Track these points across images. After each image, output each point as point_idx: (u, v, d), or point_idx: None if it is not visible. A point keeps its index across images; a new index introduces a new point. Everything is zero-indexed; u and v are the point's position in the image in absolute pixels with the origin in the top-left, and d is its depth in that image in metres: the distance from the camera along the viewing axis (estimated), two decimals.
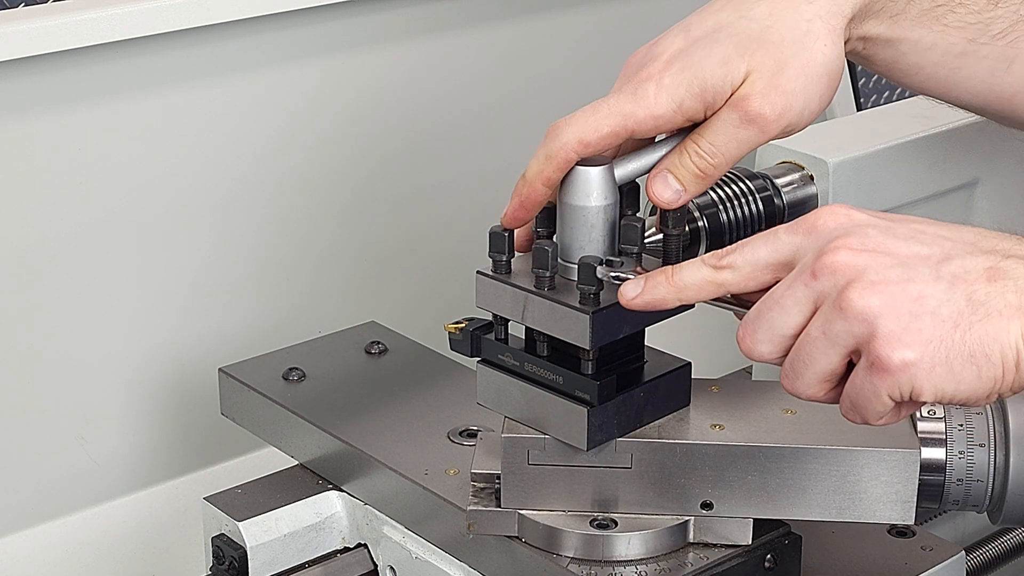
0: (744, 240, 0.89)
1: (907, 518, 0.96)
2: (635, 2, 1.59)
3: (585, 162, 0.94)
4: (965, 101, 1.05)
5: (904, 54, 1.02)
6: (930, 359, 0.82)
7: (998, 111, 1.05)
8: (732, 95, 0.94)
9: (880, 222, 0.87)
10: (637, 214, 0.97)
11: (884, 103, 2.35)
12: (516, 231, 0.97)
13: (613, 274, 0.92)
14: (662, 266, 0.95)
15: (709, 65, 0.94)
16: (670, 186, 0.95)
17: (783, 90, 0.94)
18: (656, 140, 0.98)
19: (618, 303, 0.92)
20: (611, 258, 0.94)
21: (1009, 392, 0.84)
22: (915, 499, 0.95)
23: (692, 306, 0.96)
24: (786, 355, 0.87)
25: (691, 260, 0.91)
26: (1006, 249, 0.85)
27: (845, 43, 0.99)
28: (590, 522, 0.97)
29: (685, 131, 0.96)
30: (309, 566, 1.11)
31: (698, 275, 0.89)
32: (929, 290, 0.83)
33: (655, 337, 0.98)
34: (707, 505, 0.97)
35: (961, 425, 0.96)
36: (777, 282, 0.87)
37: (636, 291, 0.90)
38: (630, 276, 0.91)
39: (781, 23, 0.95)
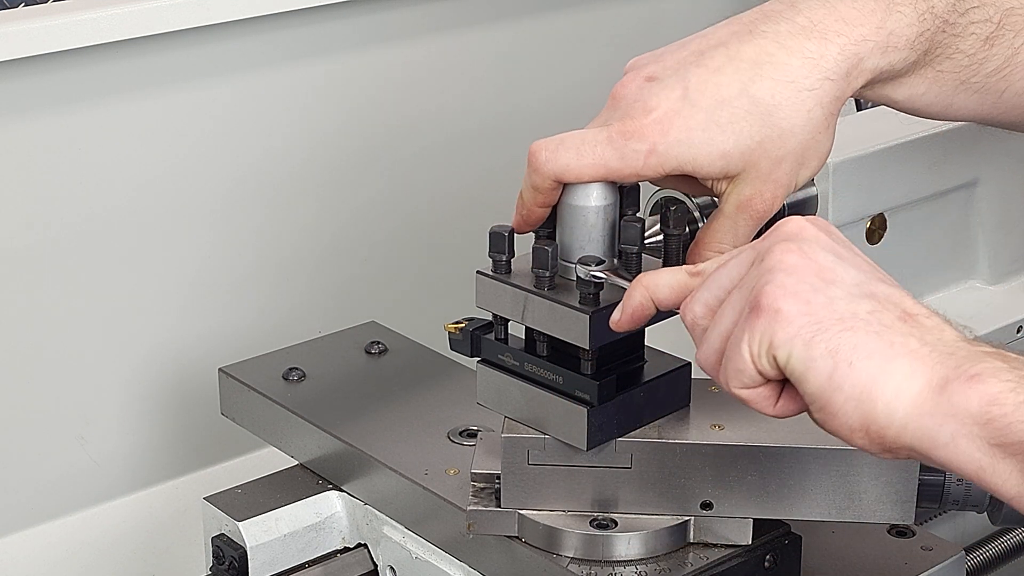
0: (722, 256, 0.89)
1: (907, 518, 0.96)
2: (635, 2, 1.59)
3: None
4: (955, 121, 1.06)
5: (897, 102, 1.01)
6: (798, 325, 0.80)
7: (989, 125, 1.06)
8: (733, 196, 0.94)
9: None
10: (637, 214, 0.97)
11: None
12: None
13: (592, 272, 0.92)
14: (662, 266, 0.95)
15: (708, 154, 0.93)
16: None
17: (780, 183, 0.94)
18: None
19: (618, 303, 0.92)
20: (588, 255, 0.94)
21: (864, 438, 0.80)
22: (915, 499, 0.95)
23: None
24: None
25: (667, 268, 0.91)
26: (932, 312, 0.83)
27: None
28: (590, 522, 0.97)
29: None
30: (309, 566, 1.11)
31: (673, 281, 0.89)
32: (843, 285, 0.82)
33: (655, 337, 0.98)
34: (707, 505, 0.97)
35: None
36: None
37: (618, 315, 0.91)
38: (604, 276, 0.92)
39: (782, 111, 0.94)
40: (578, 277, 0.93)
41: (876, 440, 0.80)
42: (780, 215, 1.16)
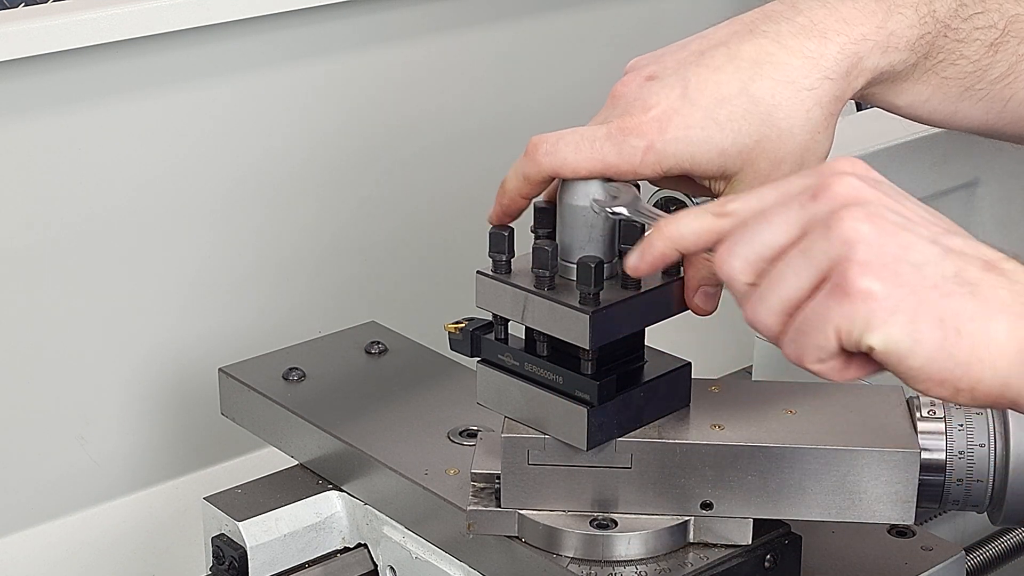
0: (751, 190, 0.87)
1: (907, 518, 0.96)
2: (635, 2, 1.59)
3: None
4: (960, 130, 1.04)
5: (900, 107, 1.01)
6: (895, 301, 0.78)
7: (991, 136, 1.05)
8: (728, 194, 0.94)
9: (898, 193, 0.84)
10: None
11: None
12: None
13: (609, 209, 0.92)
14: (661, 270, 0.95)
15: (707, 152, 0.93)
16: (712, 297, 0.95)
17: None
18: None
19: (618, 303, 0.92)
20: (609, 186, 0.93)
21: (966, 394, 0.79)
22: (915, 499, 0.95)
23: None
24: (757, 281, 0.83)
25: (690, 208, 0.90)
26: (1007, 256, 0.82)
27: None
28: (590, 522, 0.97)
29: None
30: (309, 566, 1.11)
31: (695, 224, 0.87)
32: (921, 246, 0.80)
33: (655, 337, 0.98)
34: (707, 505, 0.97)
35: (961, 425, 0.96)
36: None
37: (637, 259, 0.89)
38: (623, 210, 0.91)
39: (782, 111, 0.93)
40: (601, 213, 0.92)
41: (981, 399, 0.79)
42: None
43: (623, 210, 0.93)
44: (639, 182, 0.96)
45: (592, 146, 0.93)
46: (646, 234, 0.90)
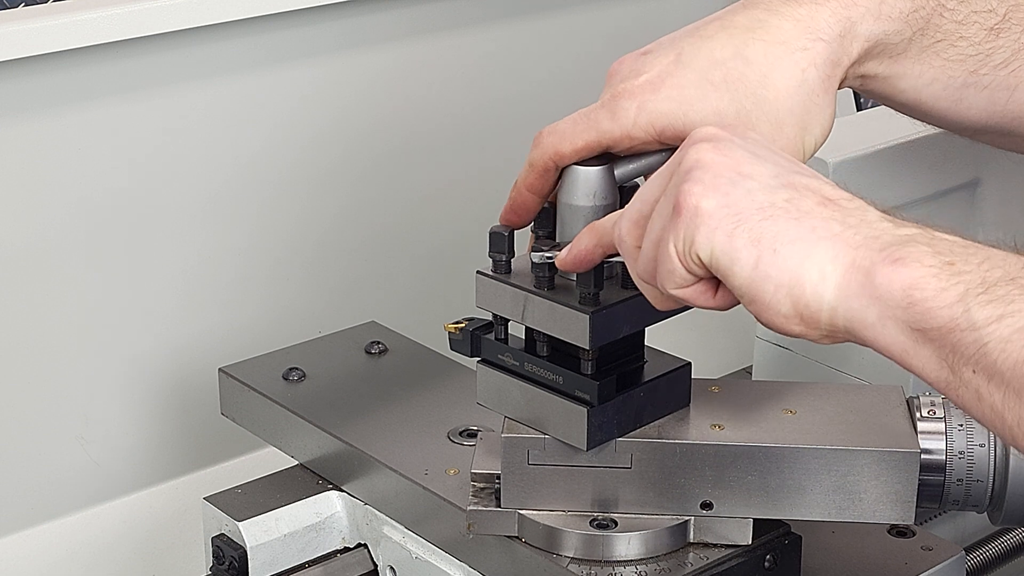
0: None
1: (907, 518, 0.96)
2: (635, 2, 1.59)
3: (585, 162, 0.94)
4: (965, 127, 1.04)
5: (903, 91, 1.01)
6: (719, 218, 0.81)
7: (997, 134, 1.05)
8: None
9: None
10: None
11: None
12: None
13: (546, 254, 0.93)
14: None
15: (701, 110, 0.93)
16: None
17: (786, 150, 0.94)
18: None
19: (618, 303, 0.92)
20: (541, 242, 0.95)
21: (799, 324, 0.80)
22: (915, 499, 0.95)
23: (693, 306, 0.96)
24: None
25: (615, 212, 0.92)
26: (854, 196, 0.83)
27: (843, 81, 0.98)
28: (590, 522, 0.97)
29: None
30: (309, 566, 1.11)
31: (612, 218, 0.90)
32: (759, 176, 0.83)
33: (655, 337, 0.98)
34: (707, 505, 0.97)
35: (961, 425, 0.96)
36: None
37: (564, 253, 0.92)
38: (555, 253, 0.93)
39: (777, 71, 0.94)
40: (532, 263, 0.94)
41: (812, 325, 0.81)
42: None
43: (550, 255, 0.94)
44: None
45: (587, 117, 0.95)
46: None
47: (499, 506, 0.98)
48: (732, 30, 0.95)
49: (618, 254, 0.90)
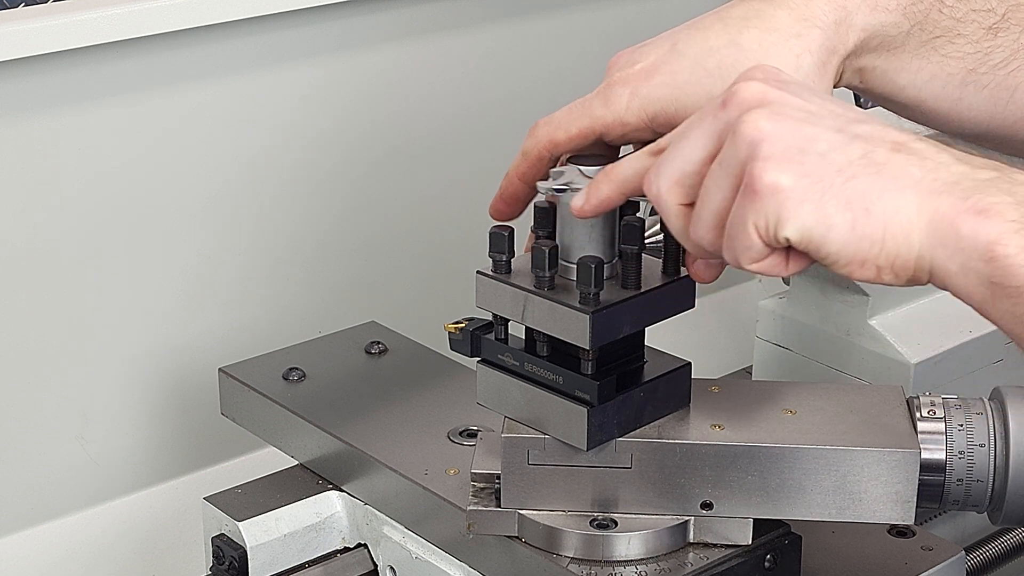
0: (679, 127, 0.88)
1: (907, 518, 0.96)
2: (635, 2, 1.59)
3: (585, 162, 0.94)
4: (966, 130, 1.04)
5: (903, 88, 1.01)
6: (802, 191, 0.80)
7: (999, 139, 1.04)
8: None
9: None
10: (637, 214, 0.97)
11: None
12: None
13: (555, 186, 0.92)
14: (662, 266, 0.96)
15: (694, 96, 0.93)
16: (713, 267, 0.94)
17: None
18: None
19: (618, 303, 0.92)
20: (555, 170, 0.94)
21: (890, 273, 0.81)
22: (915, 499, 0.95)
23: (692, 305, 0.96)
24: (690, 202, 0.85)
25: (631, 154, 0.91)
26: (921, 136, 0.83)
27: (840, 75, 0.98)
28: (590, 522, 0.97)
29: None
30: (309, 566, 1.11)
31: (637, 164, 0.88)
32: (825, 136, 0.82)
33: (655, 337, 0.98)
34: (707, 505, 0.97)
35: (961, 425, 0.96)
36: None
37: (582, 200, 0.90)
38: (567, 188, 0.92)
39: (771, 58, 0.94)
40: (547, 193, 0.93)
41: (902, 273, 0.81)
42: None
43: (563, 183, 0.92)
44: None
45: (581, 105, 0.95)
46: (592, 179, 0.91)
47: (499, 506, 0.98)
48: (728, 20, 0.96)
49: (640, 196, 0.89)
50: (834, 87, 1.00)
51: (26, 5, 1.26)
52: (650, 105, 0.94)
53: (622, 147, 0.98)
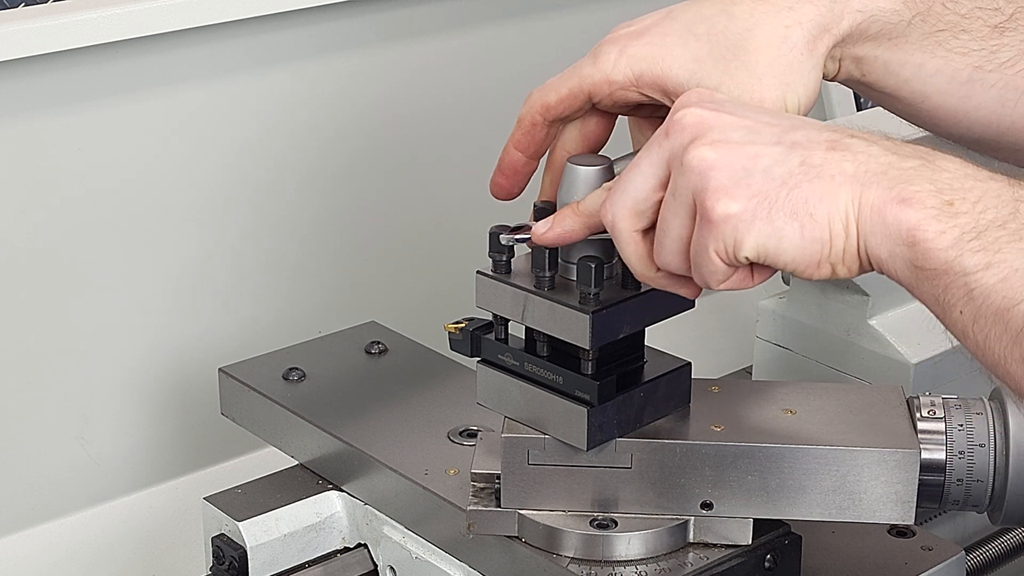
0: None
1: (907, 518, 0.96)
2: (635, 2, 1.59)
3: (584, 162, 0.94)
4: (975, 133, 1.03)
5: (907, 80, 1.00)
6: (752, 212, 0.84)
7: (1010, 143, 1.03)
8: None
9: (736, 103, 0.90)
10: None
11: None
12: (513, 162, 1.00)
13: (517, 237, 0.94)
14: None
15: (680, 56, 0.94)
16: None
17: (765, 100, 0.94)
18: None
19: (618, 303, 0.92)
20: (518, 224, 0.95)
21: (843, 267, 0.84)
22: (915, 499, 0.95)
23: (692, 305, 0.96)
24: (648, 228, 0.88)
25: (596, 190, 0.93)
26: (853, 132, 0.87)
27: (839, 64, 0.98)
28: (590, 522, 0.97)
29: None
30: (309, 566, 1.11)
31: (599, 199, 0.91)
32: (766, 151, 0.85)
33: (655, 337, 0.98)
34: (707, 505, 0.97)
35: (961, 425, 0.96)
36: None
37: (546, 227, 0.93)
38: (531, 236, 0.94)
39: (760, 28, 0.94)
40: (501, 245, 0.95)
41: (854, 267, 0.85)
42: None
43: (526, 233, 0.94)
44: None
45: (572, 67, 0.97)
46: (558, 211, 0.94)
47: (499, 506, 0.98)
48: None
49: (601, 232, 0.91)
50: (835, 80, 0.99)
51: (26, 5, 1.26)
52: (636, 64, 0.95)
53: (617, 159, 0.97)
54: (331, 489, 1.13)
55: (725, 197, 0.84)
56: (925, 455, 0.95)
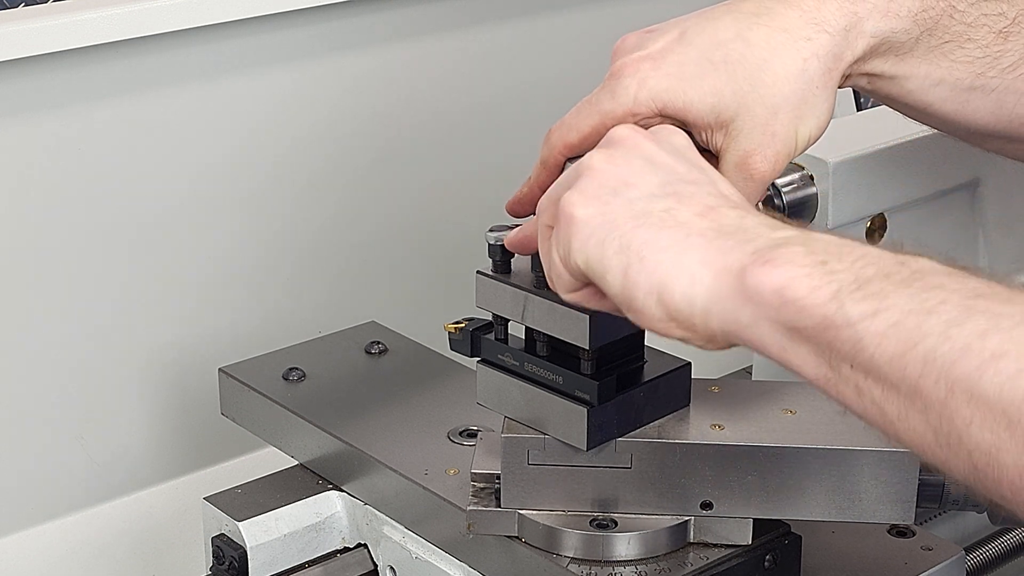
0: None
1: (907, 518, 0.96)
2: (635, 2, 1.59)
3: None
4: (972, 132, 1.03)
5: (911, 92, 1.00)
6: (592, 226, 0.83)
7: (1006, 140, 1.04)
8: (731, 153, 0.94)
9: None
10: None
11: None
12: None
13: (494, 235, 0.95)
14: None
15: (700, 88, 0.93)
16: None
17: (779, 137, 0.93)
18: None
19: None
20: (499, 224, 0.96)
21: (680, 331, 0.81)
22: (915, 499, 0.95)
23: None
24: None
25: None
26: (740, 206, 0.84)
27: (847, 78, 0.98)
28: (590, 522, 0.97)
29: None
30: (309, 566, 1.11)
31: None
32: (645, 183, 0.85)
33: (655, 337, 0.98)
34: (707, 505, 0.97)
35: None
36: None
37: (513, 235, 0.94)
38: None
39: (778, 60, 0.94)
40: (489, 244, 0.95)
41: (688, 328, 0.82)
42: (781, 210, 1.17)
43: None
44: None
45: (589, 103, 0.95)
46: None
47: (499, 506, 0.98)
48: (738, 14, 0.96)
49: None
50: (840, 88, 0.99)
51: (26, 5, 1.26)
52: (658, 96, 0.93)
53: None
54: (331, 489, 1.13)
55: (580, 201, 0.84)
56: None
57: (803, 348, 0.78)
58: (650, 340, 0.98)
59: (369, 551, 1.12)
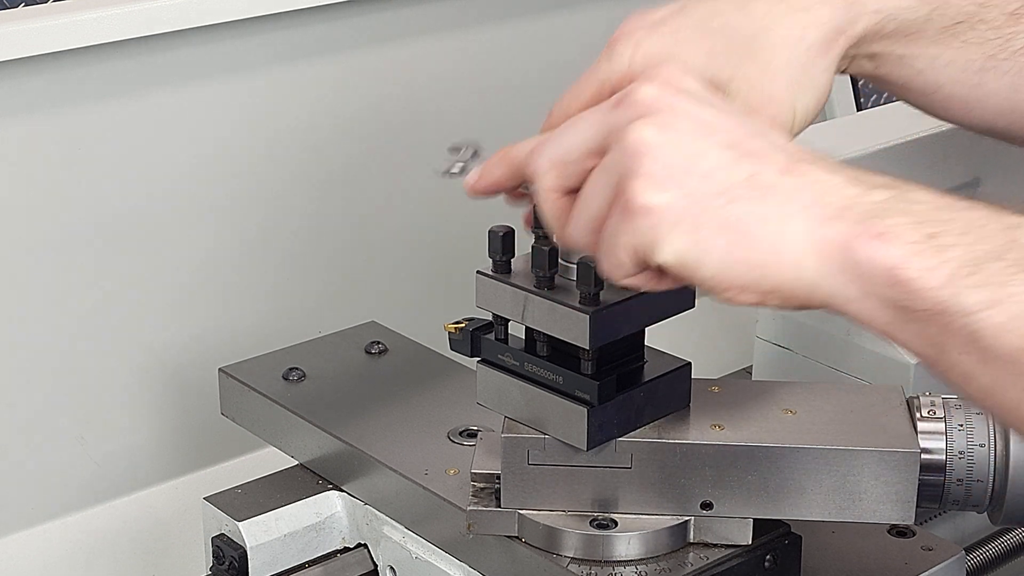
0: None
1: (907, 518, 0.96)
2: (635, 2, 1.59)
3: None
4: (987, 121, 1.01)
5: (921, 71, 0.99)
6: (677, 213, 0.77)
7: (1019, 129, 1.02)
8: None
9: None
10: None
11: (884, 103, 2.35)
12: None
13: (452, 170, 0.93)
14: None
15: (694, 50, 0.92)
16: None
17: (776, 101, 0.92)
18: None
19: (618, 303, 0.92)
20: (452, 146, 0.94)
21: (775, 298, 0.78)
22: (915, 499, 0.95)
23: (692, 305, 0.96)
24: (564, 191, 0.83)
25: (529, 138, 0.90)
26: (816, 156, 0.80)
27: (851, 61, 0.97)
28: (590, 522, 0.97)
29: None
30: (309, 566, 1.11)
31: (528, 146, 0.87)
32: (713, 153, 0.79)
33: (655, 337, 0.98)
34: (707, 505, 0.97)
35: (961, 425, 0.96)
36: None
37: (474, 178, 0.91)
38: (463, 170, 0.92)
39: (776, 27, 0.93)
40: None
41: (789, 301, 0.78)
42: None
43: (461, 165, 0.92)
44: None
45: (588, 72, 0.94)
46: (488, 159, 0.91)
47: (499, 506, 0.98)
48: None
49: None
50: (844, 74, 0.99)
51: (26, 5, 1.26)
52: (652, 58, 0.92)
53: None
54: (331, 489, 1.13)
55: (652, 187, 0.78)
56: (925, 455, 0.95)
57: (911, 327, 0.76)
58: (650, 340, 0.99)
59: (369, 551, 1.12)
